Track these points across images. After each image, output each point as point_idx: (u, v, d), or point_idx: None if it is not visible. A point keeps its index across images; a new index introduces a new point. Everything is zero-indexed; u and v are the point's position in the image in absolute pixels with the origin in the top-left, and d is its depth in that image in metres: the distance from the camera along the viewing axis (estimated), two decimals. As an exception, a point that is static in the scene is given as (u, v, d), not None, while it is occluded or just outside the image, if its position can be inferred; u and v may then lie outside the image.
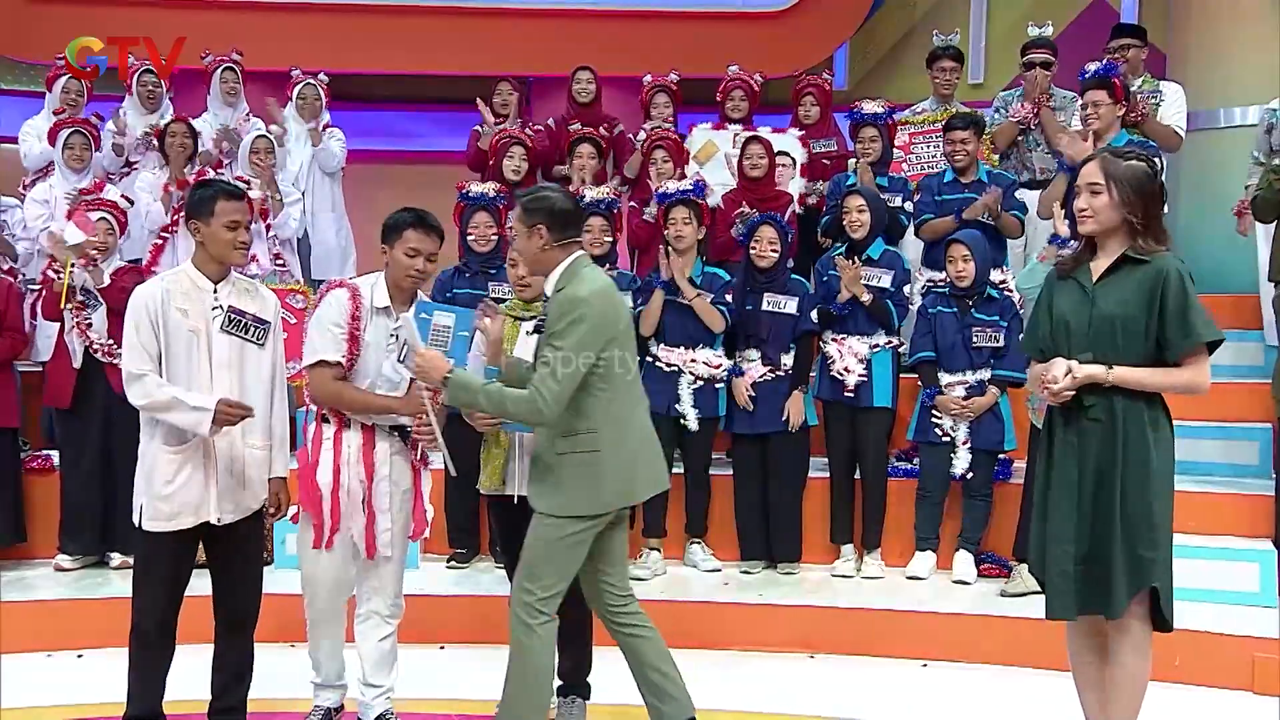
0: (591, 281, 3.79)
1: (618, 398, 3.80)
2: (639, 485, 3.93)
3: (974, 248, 5.83)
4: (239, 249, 4.01)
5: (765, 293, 5.98)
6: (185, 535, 4.00)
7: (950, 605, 5.51)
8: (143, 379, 3.91)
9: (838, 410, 6.01)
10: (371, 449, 4.14)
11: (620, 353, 3.80)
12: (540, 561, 3.83)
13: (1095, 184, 3.63)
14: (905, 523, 6.04)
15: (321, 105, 7.78)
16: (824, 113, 7.55)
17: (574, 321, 3.69)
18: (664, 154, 6.92)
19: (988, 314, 5.86)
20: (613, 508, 3.85)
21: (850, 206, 6.01)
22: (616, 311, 3.83)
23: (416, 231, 4.08)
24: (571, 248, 3.85)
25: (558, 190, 3.98)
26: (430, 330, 3.95)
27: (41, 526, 6.06)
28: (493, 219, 6.01)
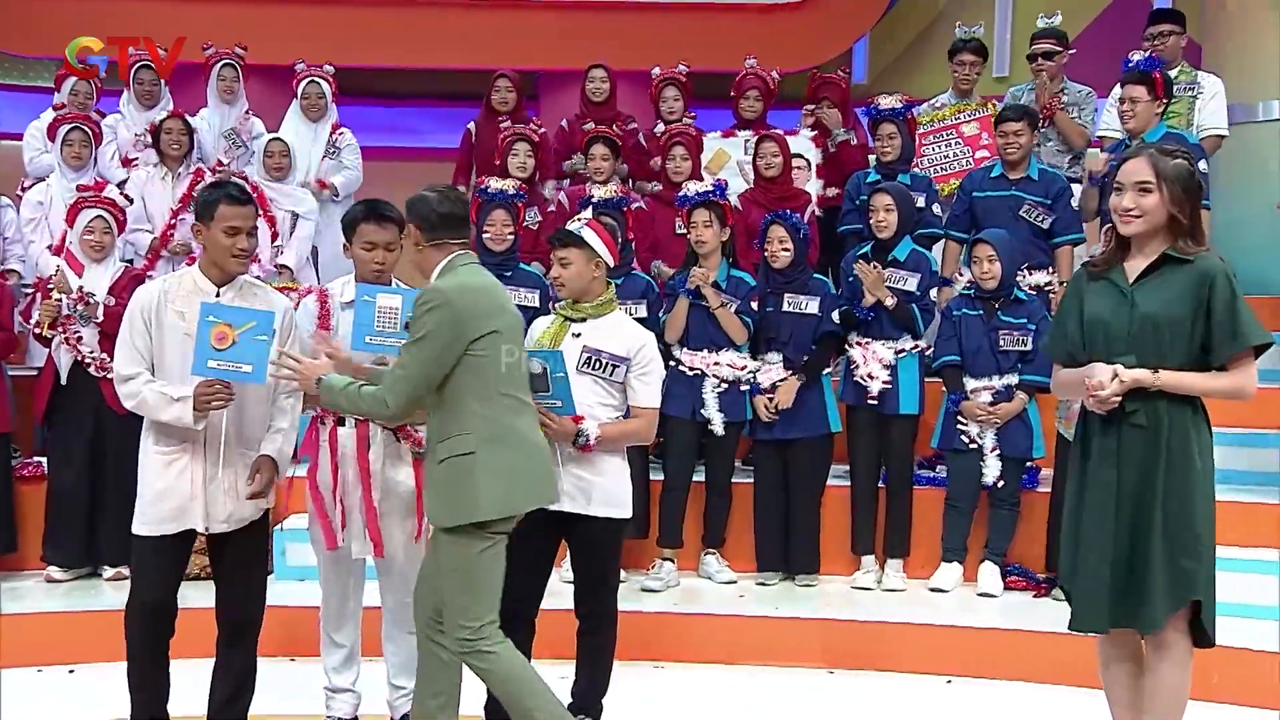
0: (465, 279, 3.78)
1: (493, 399, 3.72)
2: (527, 494, 3.82)
3: (999, 247, 5.78)
4: (238, 256, 4.02)
5: (785, 293, 5.95)
6: (172, 542, 4.00)
7: (976, 619, 5.46)
8: (130, 381, 3.96)
9: (862, 416, 5.97)
10: (366, 448, 4.17)
11: (504, 349, 3.75)
12: (458, 591, 3.70)
13: (1145, 182, 3.56)
14: (928, 533, 6.00)
15: (327, 103, 7.68)
16: (843, 111, 7.53)
17: (426, 312, 3.66)
18: (682, 150, 6.87)
19: (1015, 316, 5.82)
20: (496, 514, 3.71)
21: (877, 205, 5.96)
22: (487, 308, 3.75)
23: (369, 224, 4.16)
24: (448, 248, 3.84)
25: (438, 189, 3.94)
26: (375, 313, 4.01)
27: (33, 536, 6.05)
28: (510, 217, 5.98)
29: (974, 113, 7.05)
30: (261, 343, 3.91)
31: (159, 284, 4.08)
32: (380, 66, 9.86)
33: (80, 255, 6.00)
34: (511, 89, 7.81)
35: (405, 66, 9.97)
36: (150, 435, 4.03)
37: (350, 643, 4.38)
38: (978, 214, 6.39)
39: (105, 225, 6.00)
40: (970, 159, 7.04)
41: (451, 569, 3.73)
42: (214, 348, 3.85)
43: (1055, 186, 6.34)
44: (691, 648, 5.44)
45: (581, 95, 7.83)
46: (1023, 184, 6.35)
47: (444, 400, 3.72)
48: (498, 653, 3.71)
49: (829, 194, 7.23)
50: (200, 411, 3.89)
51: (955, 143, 7.10)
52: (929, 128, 7.13)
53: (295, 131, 7.55)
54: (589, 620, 4.24)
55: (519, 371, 3.85)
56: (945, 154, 7.13)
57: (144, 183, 7.07)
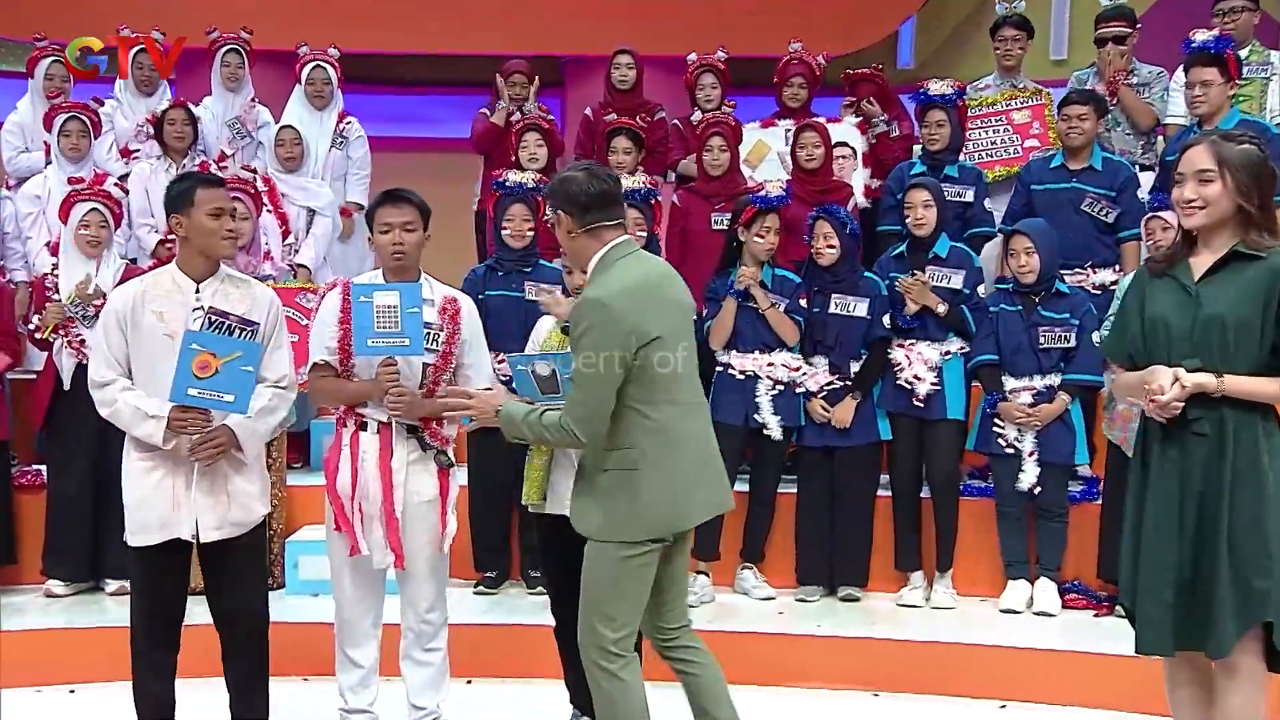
0: (623, 277, 3.68)
1: (660, 406, 3.69)
2: (692, 508, 3.79)
3: (1038, 238, 5.78)
4: (227, 238, 4.10)
5: (833, 293, 5.97)
6: (164, 552, 4.07)
7: (1032, 639, 5.45)
8: (106, 388, 4.05)
9: (904, 423, 5.99)
10: (389, 454, 4.22)
11: (661, 356, 3.67)
12: (602, 597, 3.73)
13: (1206, 171, 3.54)
14: (978, 547, 6.02)
15: (333, 89, 7.71)
16: (884, 102, 7.55)
17: (588, 329, 3.60)
18: (720, 141, 6.88)
19: (1056, 312, 5.81)
20: (656, 534, 3.71)
21: (914, 201, 5.97)
22: (650, 310, 3.66)
23: (384, 207, 4.24)
24: (603, 234, 3.75)
25: (583, 168, 3.84)
26: (374, 313, 4.06)
27: (32, 548, 6.12)
28: (530, 211, 6.02)
29: (1027, 100, 7.03)
30: (246, 374, 3.97)
31: (135, 285, 4.15)
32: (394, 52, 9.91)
33: (76, 252, 6.06)
34: (527, 84, 7.87)
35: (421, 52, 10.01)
36: (131, 442, 4.12)
37: (368, 661, 4.41)
38: (1037, 209, 6.37)
39: (101, 219, 6.05)
40: (1018, 148, 7.02)
41: (597, 576, 3.74)
42: (195, 375, 3.91)
43: (1120, 176, 6.32)
44: (726, 668, 5.29)
45: (606, 82, 7.88)
46: (1085, 175, 6.34)
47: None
48: (626, 680, 3.74)
49: (875, 185, 7.25)
50: (173, 433, 3.97)
51: (1004, 130, 7.08)
52: (976, 112, 7.11)
53: (299, 120, 7.56)
54: None
55: (690, 369, 3.80)
56: (991, 140, 7.12)
57: (147, 176, 7.11)
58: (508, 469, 5.53)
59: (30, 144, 7.43)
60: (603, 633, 3.72)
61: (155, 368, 4.02)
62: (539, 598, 5.79)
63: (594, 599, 3.75)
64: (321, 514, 4.38)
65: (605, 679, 3.74)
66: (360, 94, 8.91)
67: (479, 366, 4.38)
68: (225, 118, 7.63)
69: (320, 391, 4.33)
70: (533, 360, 4.09)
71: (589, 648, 3.76)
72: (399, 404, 4.15)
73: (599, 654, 3.73)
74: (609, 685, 3.74)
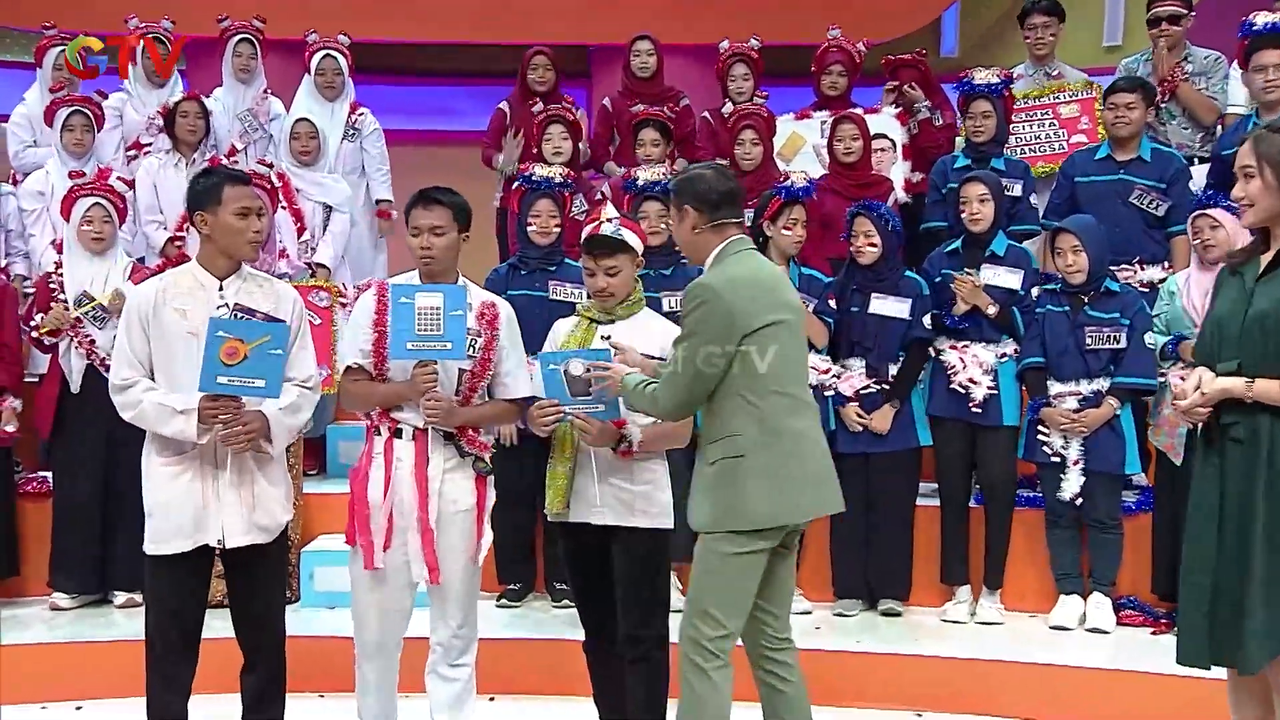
0: (735, 269, 3.91)
1: (767, 397, 3.85)
2: (799, 503, 3.91)
3: (1085, 236, 5.76)
4: (253, 240, 4.13)
5: (872, 293, 5.97)
6: (188, 560, 4.10)
7: (1084, 657, 5.43)
8: (128, 390, 4.07)
9: (956, 428, 5.98)
10: (425, 462, 4.21)
11: (767, 348, 3.85)
12: (706, 594, 3.88)
13: (1247, 166, 3.58)
14: (1027, 559, 6.01)
15: (345, 79, 7.70)
16: (928, 89, 7.53)
17: (693, 310, 3.83)
18: (752, 134, 6.89)
19: (1105, 311, 5.78)
20: (761, 523, 3.84)
21: (970, 195, 5.97)
22: (760, 301, 3.87)
23: (416, 208, 4.25)
24: (726, 231, 3.99)
25: (710, 167, 4.14)
26: (415, 315, 4.06)
27: (36, 559, 6.16)
28: (556, 207, 6.04)
29: (1075, 93, 6.98)
30: (275, 357, 4.00)
31: (155, 282, 4.19)
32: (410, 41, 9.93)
33: (80, 249, 6.10)
34: (550, 69, 7.85)
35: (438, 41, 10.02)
36: (153, 446, 4.14)
37: (390, 680, 4.41)
38: (1081, 202, 6.35)
39: (105, 214, 6.09)
40: (1064, 143, 6.99)
41: (703, 569, 3.89)
42: (223, 363, 3.94)
43: (1171, 168, 6.30)
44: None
45: (625, 70, 7.88)
46: (1133, 166, 6.31)
47: (715, 399, 3.88)
48: (717, 682, 3.86)
49: (915, 178, 7.24)
50: (205, 425, 4.00)
51: (1050, 124, 7.05)
52: (1020, 104, 7.08)
53: (309, 112, 7.53)
54: (638, 646, 4.26)
55: (796, 367, 3.99)
56: (1035, 134, 7.10)
57: (155, 170, 7.13)
58: (530, 474, 5.56)
59: (39, 136, 7.45)
60: (702, 629, 3.84)
61: (177, 367, 4.06)
62: (564, 610, 5.83)
63: (698, 595, 3.88)
64: (339, 523, 4.39)
65: (697, 677, 3.85)
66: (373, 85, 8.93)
67: (516, 374, 4.38)
68: (236, 110, 7.63)
69: (353, 396, 4.32)
70: (565, 359, 4.11)
71: (686, 643, 3.87)
72: (435, 411, 4.15)
73: (695, 650, 3.85)
74: (700, 684, 3.84)
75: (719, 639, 3.85)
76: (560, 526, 4.39)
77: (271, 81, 7.91)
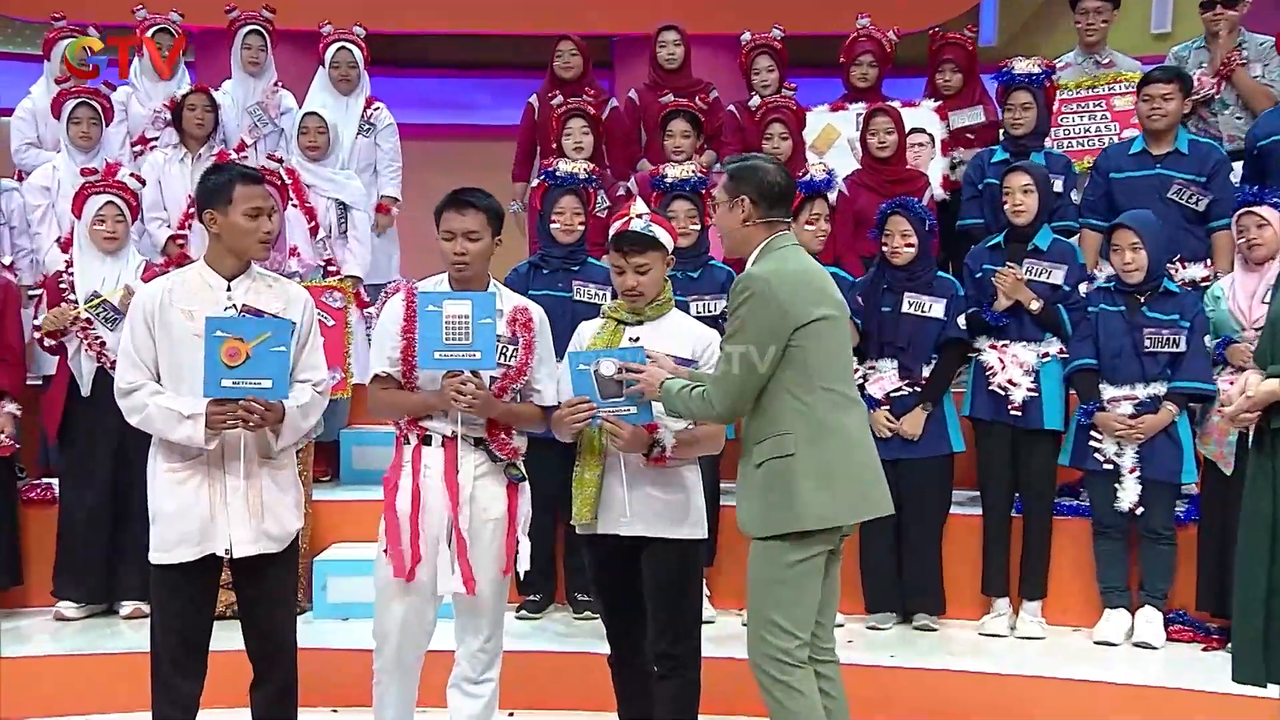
0: (783, 263, 3.92)
1: (815, 394, 3.86)
2: (850, 503, 3.93)
3: (1145, 232, 5.72)
4: (264, 240, 4.15)
5: (905, 292, 5.95)
6: (195, 570, 4.10)
7: (1130, 674, 5.39)
8: (134, 394, 4.08)
9: (996, 432, 5.95)
10: (454, 469, 4.20)
11: (816, 342, 3.87)
12: (771, 604, 3.88)
13: None
14: (1069, 570, 5.98)
15: (360, 72, 7.72)
16: (968, 79, 7.48)
17: (743, 303, 3.85)
18: (781, 128, 6.87)
19: (1164, 312, 5.74)
20: (815, 524, 3.85)
21: (1013, 186, 5.94)
22: (807, 295, 3.89)
23: (449, 211, 4.22)
24: (775, 227, 4.02)
25: (771, 160, 4.15)
26: (443, 323, 4.05)
27: (40, 568, 6.17)
28: (581, 204, 6.04)
29: (1131, 85, 6.88)
30: (279, 354, 4.00)
31: (161, 282, 4.20)
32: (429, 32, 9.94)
33: (92, 248, 6.10)
34: (576, 54, 7.85)
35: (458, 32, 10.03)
36: (159, 451, 4.15)
37: (410, 695, 4.40)
38: (1117, 198, 6.33)
39: (118, 212, 6.10)
40: (1115, 137, 6.96)
41: (763, 579, 3.89)
42: (225, 365, 3.94)
43: (1211, 160, 6.27)
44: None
45: (651, 62, 7.89)
46: (1170, 160, 6.29)
47: (762, 397, 3.90)
48: (804, 692, 3.86)
49: (954, 175, 7.21)
50: (213, 430, 4.00)
51: (1101, 116, 7.02)
52: (1072, 94, 7.04)
53: (323, 106, 7.53)
54: (666, 662, 4.25)
55: (843, 363, 4.03)
56: (1085, 127, 7.06)
57: (160, 166, 7.16)
58: (552, 481, 5.57)
59: (43, 131, 7.47)
60: (774, 642, 3.85)
61: (185, 369, 4.06)
62: (587, 623, 5.83)
63: (761, 607, 3.89)
64: (352, 531, 4.39)
65: (783, 693, 3.85)
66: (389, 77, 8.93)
67: (548, 382, 4.36)
68: (246, 104, 7.65)
69: (382, 404, 4.30)
70: (596, 358, 4.10)
71: (761, 660, 3.87)
72: (471, 399, 4.09)
73: (773, 666, 3.85)
74: (789, 699, 3.85)
75: (794, 648, 3.85)
76: (587, 538, 4.37)
77: (284, 74, 7.92)
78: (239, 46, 7.74)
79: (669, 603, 4.26)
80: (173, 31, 7.67)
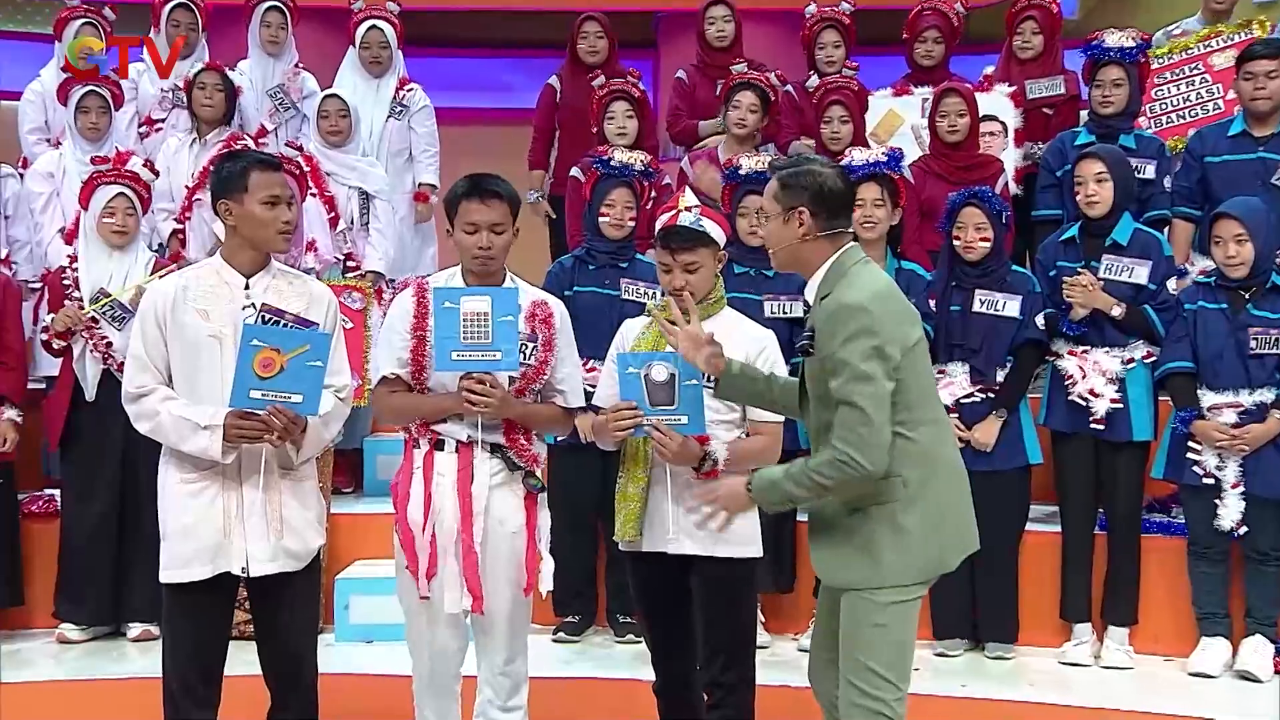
0: (869, 282, 3.66)
1: (920, 429, 3.65)
2: (956, 544, 3.76)
3: (1250, 222, 5.66)
4: (284, 232, 4.13)
5: (977, 289, 5.90)
6: (209, 589, 4.09)
7: (1230, 708, 5.34)
8: (144, 399, 4.06)
9: (1077, 443, 5.89)
10: (469, 477, 4.17)
11: (920, 366, 3.69)
12: (876, 656, 3.65)
13: None
14: (1161, 594, 5.93)
15: (392, 52, 7.71)
16: (1048, 43, 7.39)
17: (855, 338, 3.54)
18: (841, 111, 6.83)
19: (1272, 310, 5.69)
20: (928, 575, 3.70)
21: (1085, 174, 5.88)
22: (902, 315, 3.68)
23: (471, 202, 4.17)
24: (839, 239, 3.75)
25: (827, 163, 3.88)
26: (460, 322, 4.03)
27: (42, 586, 6.21)
28: (633, 197, 6.04)
29: (1230, 37, 6.80)
30: (315, 369, 3.99)
31: (174, 279, 4.18)
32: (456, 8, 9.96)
33: (99, 242, 6.13)
34: (602, 35, 7.83)
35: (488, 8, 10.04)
36: (170, 462, 4.13)
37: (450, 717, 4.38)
38: (1213, 185, 6.28)
39: (129, 204, 6.13)
40: (1219, 102, 6.87)
41: (867, 625, 3.67)
42: (258, 375, 3.93)
43: None
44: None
45: (699, 40, 7.88)
46: (1275, 142, 6.25)
47: None
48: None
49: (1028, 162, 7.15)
50: (231, 444, 3.98)
51: (1200, 80, 6.92)
52: (1165, 61, 6.95)
53: (353, 88, 7.56)
54: (717, 691, 4.22)
55: (934, 385, 3.86)
56: (1182, 96, 6.98)
57: (170, 153, 7.17)
58: (591, 493, 5.54)
59: (50, 116, 7.50)
60: (881, 696, 3.65)
61: (197, 373, 4.05)
62: (630, 647, 5.83)
63: (864, 659, 3.67)
64: (377, 546, 4.38)
65: None
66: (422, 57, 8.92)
67: (570, 381, 4.34)
68: (265, 86, 7.67)
69: (391, 410, 4.28)
70: (649, 361, 4.05)
71: (853, 714, 3.68)
72: (487, 399, 4.06)
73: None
74: None
75: (894, 701, 3.66)
76: (630, 555, 4.34)
77: (309, 55, 7.94)
78: (257, 24, 7.75)
79: (721, 626, 4.23)
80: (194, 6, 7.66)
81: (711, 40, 7.79)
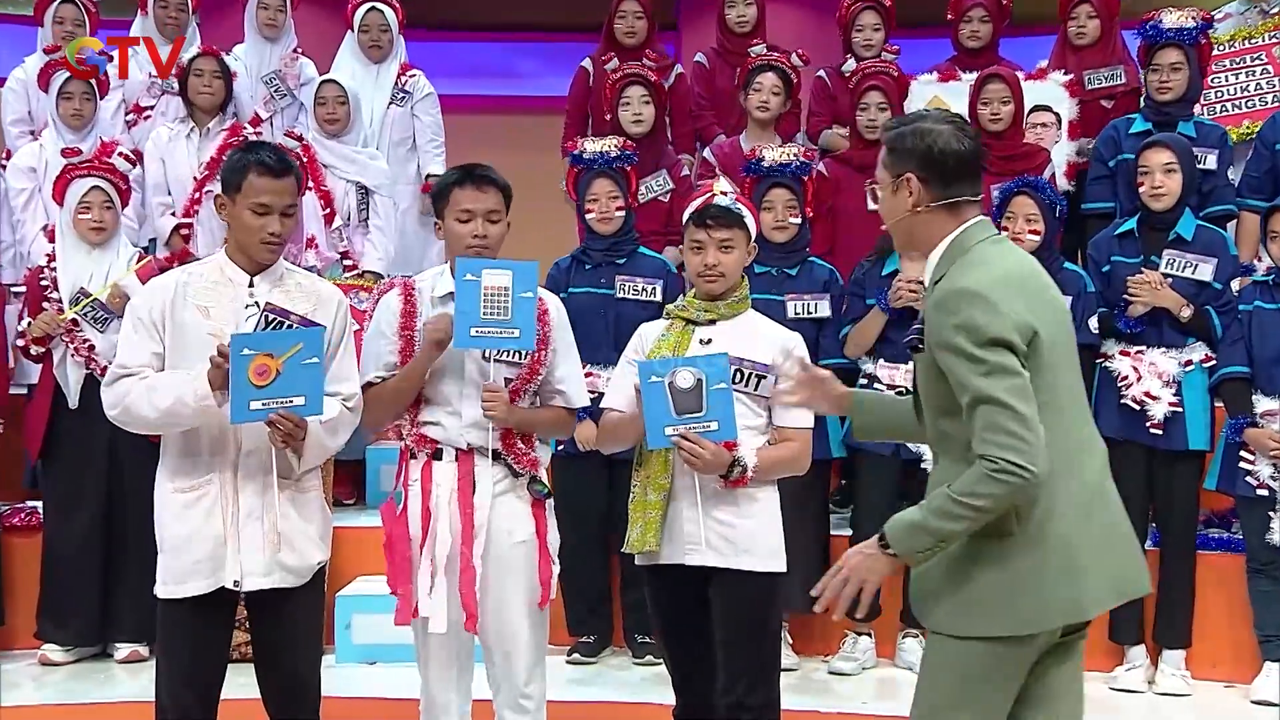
0: (992, 264, 3.27)
1: (1067, 439, 3.26)
2: (1093, 589, 3.28)
3: None
4: (268, 243, 4.12)
5: (1025, 286, 5.87)
6: (206, 605, 4.09)
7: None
8: (118, 381, 4.03)
9: (1129, 453, 5.85)
10: (470, 487, 4.20)
11: (1048, 367, 3.23)
12: (942, 703, 3.30)
13: None
14: (1220, 615, 5.93)
15: (393, 36, 7.73)
16: (1106, 28, 7.36)
17: (965, 327, 3.16)
18: (879, 98, 6.84)
19: (1331, 311, 5.71)
20: (1036, 627, 3.23)
21: (1152, 164, 5.88)
22: (1034, 307, 3.24)
23: (464, 189, 4.23)
24: (963, 211, 3.38)
25: (944, 117, 3.45)
26: (480, 296, 4.06)
27: (24, 604, 6.23)
28: (617, 187, 6.06)
29: None
30: (313, 366, 3.98)
31: (176, 274, 4.20)
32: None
33: (76, 239, 6.15)
34: (641, 16, 7.83)
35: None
36: (166, 471, 4.14)
37: None
38: None
39: (105, 198, 6.15)
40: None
41: (938, 673, 3.36)
42: (254, 385, 3.93)
43: None
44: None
45: (719, 24, 7.90)
46: None
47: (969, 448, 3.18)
48: None
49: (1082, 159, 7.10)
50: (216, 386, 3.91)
51: (1263, 71, 6.93)
52: (1224, 49, 6.97)
53: (352, 74, 7.57)
54: (740, 714, 4.20)
55: (1079, 393, 3.42)
56: (1242, 85, 6.99)
57: (165, 144, 7.18)
58: (598, 503, 5.56)
59: (33, 106, 7.51)
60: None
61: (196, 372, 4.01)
62: (648, 669, 5.86)
63: (929, 704, 3.35)
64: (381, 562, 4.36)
65: None
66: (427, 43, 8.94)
67: (571, 381, 4.37)
68: (261, 72, 7.70)
69: (374, 402, 4.26)
70: (673, 367, 4.06)
71: None
72: (494, 402, 4.11)
73: None
74: None
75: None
76: (648, 569, 4.34)
77: (306, 39, 7.96)
78: (254, 7, 7.78)
79: (743, 645, 4.22)
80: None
81: (732, 25, 7.81)
